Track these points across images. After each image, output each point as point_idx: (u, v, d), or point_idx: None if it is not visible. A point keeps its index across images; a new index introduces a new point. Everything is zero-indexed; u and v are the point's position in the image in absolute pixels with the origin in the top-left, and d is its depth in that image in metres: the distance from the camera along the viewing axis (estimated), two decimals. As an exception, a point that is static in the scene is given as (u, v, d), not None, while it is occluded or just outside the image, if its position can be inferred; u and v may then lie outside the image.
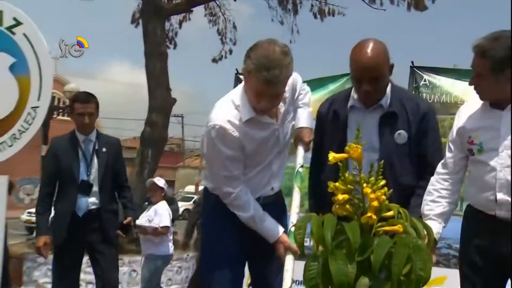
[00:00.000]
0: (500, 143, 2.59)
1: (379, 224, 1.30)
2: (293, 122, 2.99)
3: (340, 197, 1.29)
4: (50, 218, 4.37)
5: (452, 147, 2.83)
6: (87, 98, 4.38)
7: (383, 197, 1.29)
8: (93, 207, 4.35)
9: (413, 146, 2.76)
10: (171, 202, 32.11)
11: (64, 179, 4.33)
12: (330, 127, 2.93)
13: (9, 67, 2.10)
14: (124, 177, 4.75)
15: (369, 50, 2.62)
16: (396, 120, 2.75)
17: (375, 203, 1.27)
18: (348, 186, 1.31)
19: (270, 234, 2.76)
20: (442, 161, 2.88)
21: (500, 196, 2.58)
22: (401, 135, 2.74)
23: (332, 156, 1.39)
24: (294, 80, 2.93)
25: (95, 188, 4.35)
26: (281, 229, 2.74)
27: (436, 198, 2.79)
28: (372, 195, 1.27)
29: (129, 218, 4.58)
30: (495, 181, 2.60)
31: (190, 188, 31.61)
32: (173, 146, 38.77)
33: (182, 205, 29.39)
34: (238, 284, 2.94)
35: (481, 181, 2.67)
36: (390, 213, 1.31)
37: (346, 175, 1.33)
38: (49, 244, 4.22)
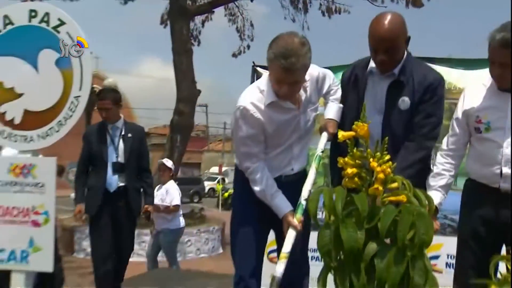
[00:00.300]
0: (507, 122, 2.56)
1: (385, 195, 1.28)
2: (316, 112, 2.97)
3: (349, 171, 1.27)
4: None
5: (456, 127, 2.79)
6: (104, 95, 4.65)
7: (388, 170, 1.27)
8: (121, 184, 4.50)
9: (414, 113, 2.69)
10: (198, 182, 32.15)
11: (96, 160, 4.53)
12: (351, 90, 2.89)
13: (55, 62, 2.11)
14: (147, 162, 4.87)
15: (386, 22, 2.55)
16: (402, 88, 2.68)
17: (381, 176, 1.25)
18: (357, 161, 1.29)
19: (278, 211, 2.74)
20: (446, 138, 2.86)
21: (505, 170, 2.56)
22: (404, 101, 2.67)
23: (341, 134, 1.37)
24: (322, 74, 2.89)
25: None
26: (288, 208, 2.71)
27: (441, 171, 2.77)
28: (379, 168, 1.25)
29: (146, 207, 4.82)
30: (501, 156, 2.58)
31: (214, 169, 31.78)
32: (198, 132, 38.93)
33: (207, 184, 29.63)
34: (258, 250, 2.94)
35: (487, 157, 2.64)
36: (395, 184, 1.28)
37: (355, 151, 1.31)
38: (83, 211, 4.51)
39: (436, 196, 2.69)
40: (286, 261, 2.65)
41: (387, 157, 1.30)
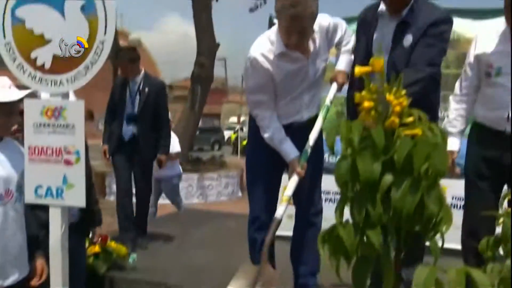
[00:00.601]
0: None
1: (401, 128, 1.22)
2: (326, 63, 2.91)
3: (366, 104, 1.21)
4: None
5: (468, 71, 2.72)
6: (121, 55, 4.99)
7: (405, 102, 1.21)
8: (135, 133, 4.73)
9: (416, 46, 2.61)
10: (218, 131, 32.31)
11: (116, 111, 4.80)
12: (362, 32, 2.83)
13: (80, 8, 2.05)
14: (164, 115, 4.94)
15: None
16: (408, 28, 2.61)
17: (398, 108, 1.19)
18: (373, 95, 1.23)
19: (285, 156, 2.76)
20: (458, 83, 2.79)
21: None
22: (408, 39, 2.59)
23: (357, 69, 1.31)
24: (333, 24, 2.81)
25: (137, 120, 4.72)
26: (294, 154, 2.72)
27: (457, 117, 2.74)
28: (395, 101, 1.19)
29: (158, 156, 4.93)
30: (509, 101, 2.51)
31: (233, 119, 31.83)
32: (218, 85, 38.64)
33: (226, 134, 29.75)
34: (271, 191, 2.95)
35: (495, 101, 2.58)
36: (411, 118, 1.23)
37: (371, 85, 1.24)
38: (108, 151, 4.87)
39: (455, 143, 2.67)
40: (287, 204, 2.70)
41: (403, 91, 1.24)
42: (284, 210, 2.68)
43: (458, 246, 2.84)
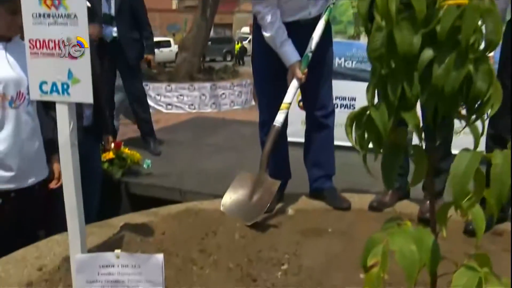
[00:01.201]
0: None
1: (443, -1, 1.04)
2: None
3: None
4: None
5: None
6: None
7: (454, -40, 1.02)
8: (115, 35, 4.67)
9: None
10: (230, 41, 31.72)
11: (92, 12, 4.61)
12: None
13: None
14: (142, 14, 4.81)
15: None
16: None
17: (444, -30, 1.01)
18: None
19: (285, 59, 2.70)
20: None
21: None
22: None
23: None
24: None
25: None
26: (295, 58, 2.67)
27: None
28: (441, -38, 1.00)
29: (146, 56, 4.91)
30: None
31: (245, 29, 31.06)
32: (230, -6, 37.20)
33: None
34: (278, 96, 2.87)
35: None
36: (457, -14, 1.04)
37: None
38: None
39: None
40: (287, 111, 2.66)
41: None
42: (284, 117, 2.69)
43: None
